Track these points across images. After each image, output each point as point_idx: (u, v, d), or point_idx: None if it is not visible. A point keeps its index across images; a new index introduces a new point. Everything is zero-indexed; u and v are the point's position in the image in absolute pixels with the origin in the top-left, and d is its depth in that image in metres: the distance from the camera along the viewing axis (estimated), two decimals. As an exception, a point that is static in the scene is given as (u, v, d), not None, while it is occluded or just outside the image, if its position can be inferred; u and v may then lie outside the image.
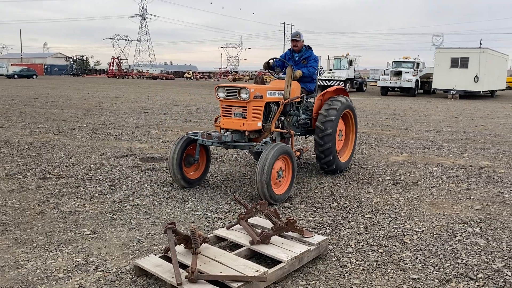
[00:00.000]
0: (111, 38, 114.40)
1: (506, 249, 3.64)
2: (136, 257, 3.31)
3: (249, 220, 3.78)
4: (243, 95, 4.99)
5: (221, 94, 5.21)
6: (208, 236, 3.44)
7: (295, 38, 6.11)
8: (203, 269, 2.87)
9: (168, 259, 3.07)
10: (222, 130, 5.32)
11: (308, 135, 6.62)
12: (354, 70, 34.69)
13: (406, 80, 29.21)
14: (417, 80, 29.89)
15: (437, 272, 3.20)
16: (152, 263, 2.96)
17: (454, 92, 27.25)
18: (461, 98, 27.34)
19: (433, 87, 29.42)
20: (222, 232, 3.54)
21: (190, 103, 19.32)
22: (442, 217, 4.46)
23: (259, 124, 5.20)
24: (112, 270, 3.11)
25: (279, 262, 3.07)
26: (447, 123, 13.15)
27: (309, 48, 6.26)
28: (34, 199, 4.75)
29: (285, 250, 3.19)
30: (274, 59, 6.22)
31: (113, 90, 28.98)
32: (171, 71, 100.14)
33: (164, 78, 71.37)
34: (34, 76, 55.00)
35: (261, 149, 4.94)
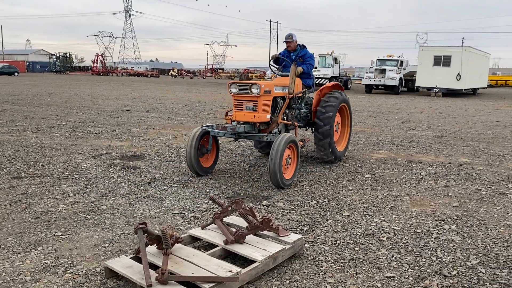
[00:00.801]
0: (95, 35, 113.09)
1: (481, 246, 3.66)
2: (107, 258, 3.24)
3: (225, 219, 3.73)
4: (254, 90, 5.47)
5: (234, 90, 5.67)
6: (181, 236, 3.38)
7: (288, 40, 6.58)
8: (174, 270, 2.81)
9: (140, 260, 2.99)
10: (233, 123, 5.80)
11: (308, 127, 7.10)
12: (339, 68, 34.85)
13: (390, 78, 29.42)
14: (400, 78, 30.12)
15: (412, 270, 3.19)
16: (123, 264, 2.89)
17: (437, 90, 27.54)
18: (443, 96, 27.65)
19: (416, 85, 29.69)
20: (196, 231, 3.49)
21: (174, 100, 19.16)
22: (420, 214, 4.47)
23: (268, 116, 5.72)
24: (81, 272, 3.03)
25: (254, 261, 3.02)
26: (429, 121, 13.27)
27: (303, 46, 6.71)
28: (6, 199, 4.63)
29: (259, 249, 3.15)
30: (278, 55, 6.73)
31: (96, 88, 28.60)
32: (156, 68, 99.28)
33: (149, 76, 70.76)
34: (16, 73, 54.00)
35: (271, 139, 5.48)
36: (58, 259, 3.21)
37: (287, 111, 6.21)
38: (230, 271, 2.79)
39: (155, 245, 3.08)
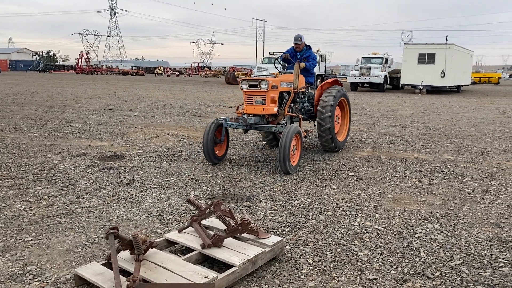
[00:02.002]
0: (79, 33, 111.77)
1: (465, 245, 3.60)
2: (79, 265, 3.09)
3: (205, 222, 3.61)
4: (263, 86, 6.12)
5: (244, 86, 6.29)
6: (157, 240, 3.25)
7: (297, 42, 7.17)
8: (147, 277, 2.68)
9: (111, 267, 2.86)
10: (244, 115, 6.44)
11: (310, 120, 7.73)
12: (325, 66, 34.86)
13: (375, 76, 29.52)
14: (386, 76, 30.26)
15: (395, 272, 3.11)
16: (93, 271, 2.75)
17: (421, 87, 27.72)
18: (428, 93, 27.85)
19: (401, 82, 29.84)
20: (173, 235, 3.36)
21: (158, 99, 18.92)
22: (403, 213, 4.40)
23: (275, 109, 6.37)
24: (50, 279, 2.88)
25: (232, 266, 2.91)
26: (414, 118, 13.29)
27: (309, 47, 7.39)
28: (-24, 202, 4.43)
29: (238, 253, 3.04)
30: (283, 54, 7.37)
31: (79, 87, 28.14)
32: (142, 66, 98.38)
33: (134, 74, 70.07)
34: (-3, 72, 52.93)
35: (279, 130, 6.22)
36: (26, 266, 3.06)
37: (292, 105, 6.91)
38: (206, 277, 2.68)
39: (128, 250, 2.94)
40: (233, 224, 3.23)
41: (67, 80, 39.13)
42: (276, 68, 7.65)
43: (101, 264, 2.86)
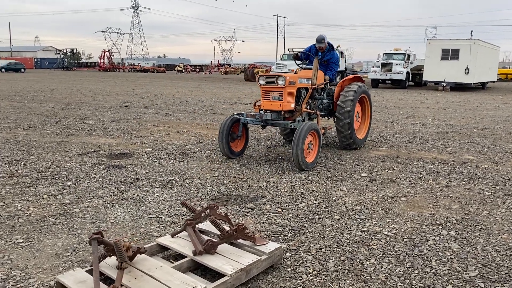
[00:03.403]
0: (103, 31, 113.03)
1: (481, 255, 3.31)
2: (66, 270, 2.95)
3: (201, 226, 3.42)
4: (280, 82, 6.02)
5: (262, 82, 6.21)
6: (147, 245, 3.09)
7: (320, 45, 6.99)
8: (131, 286, 2.51)
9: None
10: (261, 111, 6.33)
11: (330, 117, 7.58)
12: (345, 62, 34.29)
13: (397, 72, 28.84)
14: (408, 72, 29.52)
15: (402, 284, 2.86)
16: (76, 279, 2.60)
17: (444, 84, 26.94)
18: (451, 90, 27.06)
19: (424, 79, 29.07)
20: (165, 240, 3.18)
21: (175, 96, 18.87)
22: (416, 218, 4.12)
23: (292, 105, 6.29)
24: (33, 286, 2.74)
25: (224, 275, 2.71)
26: (435, 116, 12.84)
27: (332, 48, 7.20)
28: (-25, 201, 4.36)
29: (231, 261, 2.84)
30: (300, 52, 7.23)
31: (99, 84, 28.41)
32: (163, 64, 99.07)
33: (155, 71, 70.58)
34: (22, 70, 54.08)
35: (295, 126, 6.05)
36: (11, 271, 2.93)
37: (310, 101, 6.82)
38: (193, 287, 2.49)
39: (115, 256, 2.78)
40: (227, 230, 3.03)
41: (88, 77, 39.63)
42: (296, 64, 7.47)
43: (86, 271, 2.70)
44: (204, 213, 3.26)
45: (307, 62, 7.22)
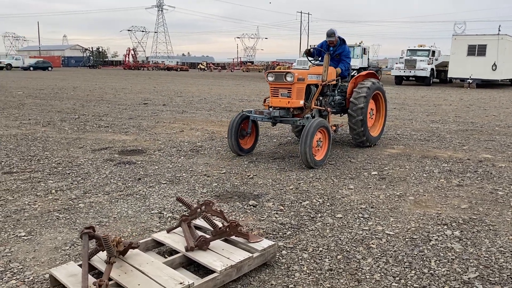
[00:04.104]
0: (128, 30, 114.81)
1: (484, 256, 3.21)
2: (63, 263, 3.00)
3: (197, 222, 3.43)
4: (289, 78, 5.95)
5: (270, 78, 6.17)
6: (143, 240, 3.11)
7: (330, 39, 6.87)
8: (120, 281, 2.54)
9: (91, 268, 2.74)
10: (270, 108, 6.28)
11: (342, 114, 7.47)
12: (368, 59, 33.80)
13: (421, 69, 28.27)
14: (432, 69, 28.92)
15: (396, 284, 2.79)
16: (67, 272, 2.64)
17: (470, 81, 26.27)
18: (478, 87, 26.34)
19: (449, 76, 28.42)
20: (160, 236, 3.20)
21: (195, 94, 19.00)
22: (421, 217, 4.02)
23: (302, 102, 6.19)
24: (28, 278, 2.80)
25: (214, 271, 2.71)
26: (456, 113, 12.52)
27: (343, 42, 7.05)
28: (-14, 195, 4.49)
29: (223, 257, 2.83)
30: (312, 48, 7.14)
31: (122, 81, 28.88)
32: (187, 62, 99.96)
33: (178, 69, 71.29)
34: (49, 68, 55.47)
35: (303, 123, 5.93)
36: (10, 263, 3.00)
37: (320, 98, 6.69)
38: (181, 283, 2.49)
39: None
40: (220, 226, 3.03)
41: (112, 76, 40.33)
42: (308, 60, 7.42)
43: (78, 265, 2.74)
44: (199, 210, 3.26)
45: (319, 58, 7.12)
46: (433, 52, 29.94)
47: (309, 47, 7.29)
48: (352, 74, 7.53)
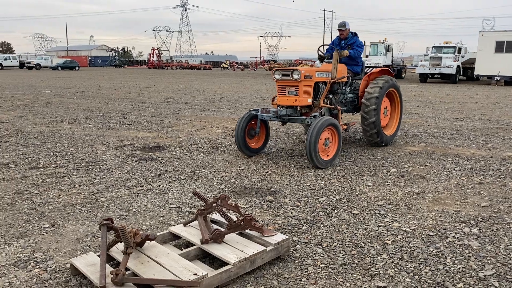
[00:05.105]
0: (153, 30, 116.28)
1: (503, 254, 3.16)
2: (83, 253, 3.10)
3: (213, 216, 3.49)
4: (295, 76, 5.83)
5: (277, 76, 6.05)
6: (161, 233, 3.19)
7: (341, 28, 6.81)
8: (137, 271, 2.62)
9: (109, 258, 2.84)
10: (278, 107, 6.18)
11: (355, 112, 7.29)
12: (392, 56, 33.36)
13: (447, 66, 27.70)
14: (458, 66, 28.30)
15: (410, 280, 2.79)
16: (87, 262, 2.74)
17: (498, 78, 25.59)
18: (506, 84, 25.65)
19: (475, 73, 27.75)
20: (177, 229, 3.27)
21: (217, 92, 19.15)
22: (440, 214, 3.99)
23: (309, 100, 6.05)
24: (50, 267, 2.92)
25: (228, 263, 2.76)
26: (482, 111, 12.25)
27: (354, 34, 6.94)
28: (13, 189, 4.67)
29: (237, 250, 2.88)
30: (321, 52, 7.04)
31: (146, 80, 29.34)
32: (210, 61, 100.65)
33: (201, 68, 71.87)
34: (77, 68, 56.78)
35: (311, 122, 5.73)
36: (34, 253, 3.13)
37: (330, 96, 6.52)
38: (195, 274, 2.56)
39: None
40: (234, 220, 3.08)
41: (136, 75, 41.01)
42: (326, 62, 7.21)
43: (97, 255, 2.84)
44: (215, 204, 3.32)
45: (330, 56, 6.98)
46: (459, 49, 29.27)
47: (319, 53, 7.07)
48: (365, 71, 7.34)
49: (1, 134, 8.07)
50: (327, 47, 7.25)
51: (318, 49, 7.05)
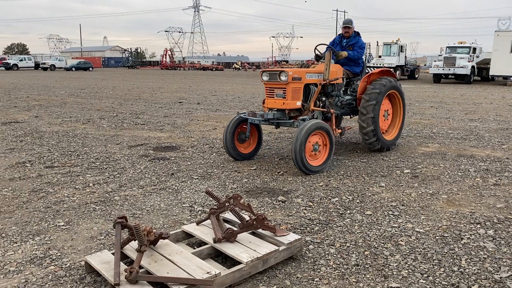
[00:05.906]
0: (165, 31, 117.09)
1: (519, 256, 3.11)
2: (98, 251, 3.14)
3: (226, 215, 3.50)
4: (283, 78, 5.58)
5: (265, 78, 5.82)
6: (172, 232, 3.21)
7: (348, 25, 6.61)
8: (151, 269, 2.64)
9: (123, 256, 2.87)
10: (268, 110, 5.97)
11: (353, 115, 6.98)
12: (405, 56, 33.10)
13: (461, 67, 27.40)
14: (473, 67, 27.96)
15: (424, 281, 2.76)
16: (101, 259, 2.77)
17: (514, 79, 25.23)
18: (522, 85, 25.27)
19: (491, 73, 27.39)
20: (190, 227, 3.29)
21: (229, 92, 19.20)
22: (454, 216, 3.94)
23: (298, 103, 5.76)
24: (65, 265, 2.95)
25: (240, 263, 2.77)
26: (497, 112, 12.08)
27: (357, 34, 6.69)
28: (29, 187, 4.74)
29: (249, 249, 2.89)
30: (319, 53, 6.60)
31: (159, 81, 29.54)
32: (222, 62, 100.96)
33: (213, 69, 72.15)
34: (90, 68, 57.46)
35: (299, 125, 5.50)
36: (49, 250, 3.17)
37: (323, 99, 6.18)
38: (208, 272, 2.57)
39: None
40: (247, 219, 3.09)
41: (149, 75, 41.32)
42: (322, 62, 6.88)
43: (111, 253, 2.87)
44: (228, 203, 3.33)
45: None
46: (474, 49, 28.94)
47: (316, 52, 6.61)
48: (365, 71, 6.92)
49: (17, 133, 8.20)
50: (326, 46, 6.70)
51: (315, 48, 6.64)
